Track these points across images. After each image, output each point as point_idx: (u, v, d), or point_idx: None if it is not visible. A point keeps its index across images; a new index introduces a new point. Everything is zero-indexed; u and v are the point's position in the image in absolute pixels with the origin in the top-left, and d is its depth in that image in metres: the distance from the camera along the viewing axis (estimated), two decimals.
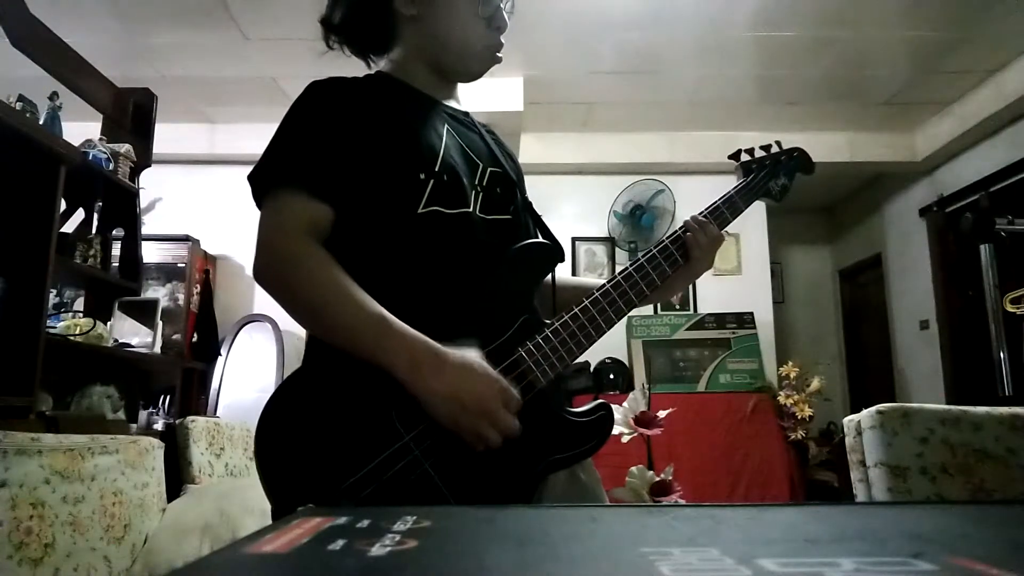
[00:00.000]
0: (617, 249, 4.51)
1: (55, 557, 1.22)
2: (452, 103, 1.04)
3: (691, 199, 4.50)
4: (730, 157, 1.16)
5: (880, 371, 4.95)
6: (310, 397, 0.83)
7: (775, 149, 1.15)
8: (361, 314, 0.80)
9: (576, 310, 0.90)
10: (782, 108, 4.16)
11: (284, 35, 3.38)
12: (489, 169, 0.98)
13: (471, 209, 0.93)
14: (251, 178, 0.89)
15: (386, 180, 0.89)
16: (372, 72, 1.05)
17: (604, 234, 4.52)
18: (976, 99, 3.87)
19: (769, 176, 1.13)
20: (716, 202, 1.06)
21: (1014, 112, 3.69)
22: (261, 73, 3.77)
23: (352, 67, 1.07)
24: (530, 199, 1.07)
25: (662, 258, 0.97)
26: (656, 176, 4.49)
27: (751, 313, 4.21)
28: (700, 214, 1.03)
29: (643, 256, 0.97)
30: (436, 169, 0.90)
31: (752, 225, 4.48)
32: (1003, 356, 2.07)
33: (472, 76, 1.04)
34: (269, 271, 0.84)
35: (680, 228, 1.01)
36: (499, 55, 1.01)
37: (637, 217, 4.47)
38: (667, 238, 1.00)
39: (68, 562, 1.25)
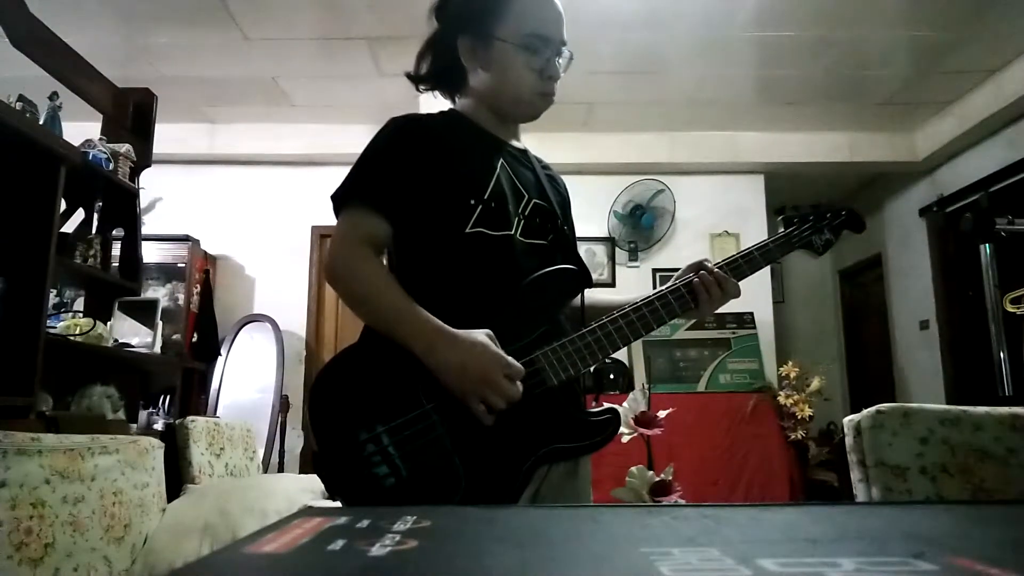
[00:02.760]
0: (617, 249, 4.51)
1: (55, 557, 1.22)
2: (513, 141, 1.19)
3: (691, 199, 4.51)
4: (775, 212, 1.23)
5: (880, 371, 4.95)
6: (356, 366, 1.02)
7: (824, 207, 1.23)
8: (392, 304, 0.99)
9: (594, 325, 1.04)
10: (782, 108, 4.16)
11: (284, 35, 3.38)
12: (533, 201, 1.13)
13: (513, 232, 1.07)
14: (333, 197, 1.06)
15: (441, 203, 1.05)
16: (447, 110, 1.21)
17: (604, 234, 4.52)
18: (976, 99, 3.87)
19: (813, 230, 1.21)
20: (737, 254, 1.14)
21: (1014, 112, 3.69)
22: (261, 73, 3.77)
23: (353, 67, 1.10)
24: (573, 228, 1.22)
25: (673, 299, 1.09)
26: (656, 176, 4.49)
27: (751, 313, 4.21)
28: (717, 264, 1.12)
29: (656, 294, 1.09)
30: (485, 197, 1.06)
31: (752, 225, 4.48)
32: (1003, 356, 2.07)
33: (525, 119, 1.18)
34: (333, 270, 1.03)
35: (691, 275, 1.11)
36: (551, 99, 1.14)
37: (637, 217, 4.47)
38: (681, 283, 1.10)
39: (68, 562, 1.25)
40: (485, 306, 1.03)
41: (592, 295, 1.16)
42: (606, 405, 1.05)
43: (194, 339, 4.06)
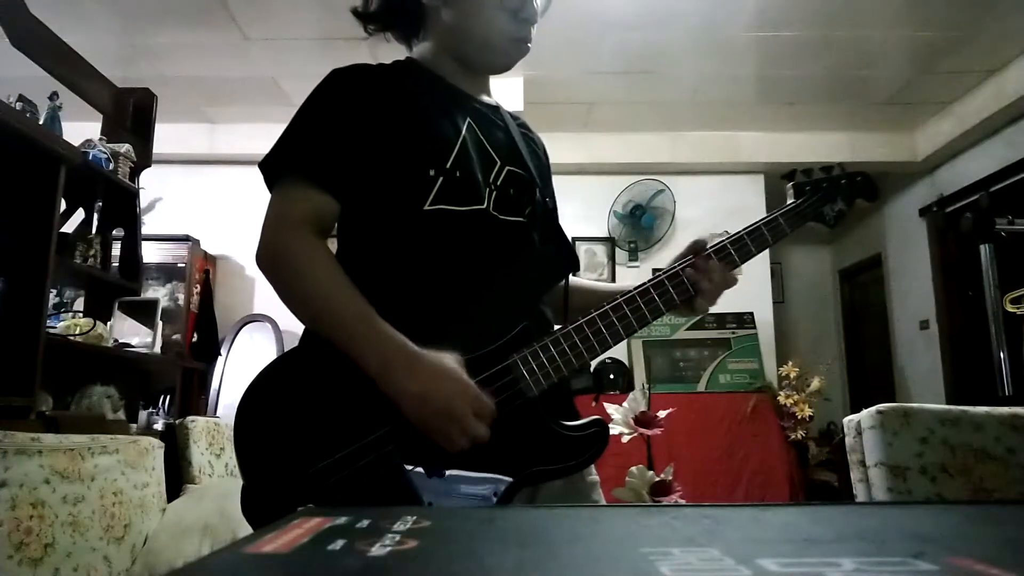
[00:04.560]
0: (617, 249, 4.51)
1: (55, 557, 1.22)
2: (483, 96, 1.03)
3: (691, 199, 4.51)
4: (784, 177, 1.11)
5: (880, 371, 4.95)
6: (295, 379, 0.85)
7: (836, 171, 1.08)
8: (343, 308, 0.82)
9: (581, 321, 0.88)
10: (782, 108, 4.16)
11: (284, 35, 3.38)
12: (506, 168, 0.95)
13: (484, 206, 0.91)
14: (262, 166, 0.89)
15: (394, 174, 0.88)
16: (402, 59, 1.02)
17: (604, 234, 4.52)
18: (976, 99, 3.86)
19: (824, 200, 1.05)
20: (743, 231, 0.98)
21: (1014, 112, 3.69)
22: (261, 73, 3.77)
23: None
24: (554, 200, 1.05)
25: (671, 285, 0.93)
26: (656, 176, 4.49)
27: (751, 313, 4.21)
28: (721, 242, 0.96)
29: (651, 281, 0.93)
30: (448, 165, 0.89)
31: None
32: (1003, 356, 2.08)
33: (497, 69, 1.01)
34: (265, 259, 0.86)
35: (683, 265, 0.94)
36: (527, 46, 0.97)
37: (637, 217, 4.47)
38: (665, 275, 0.94)
39: (68, 562, 1.25)
40: (451, 301, 0.86)
41: (574, 280, 1.00)
42: (591, 417, 0.88)
43: (194, 339, 4.05)
